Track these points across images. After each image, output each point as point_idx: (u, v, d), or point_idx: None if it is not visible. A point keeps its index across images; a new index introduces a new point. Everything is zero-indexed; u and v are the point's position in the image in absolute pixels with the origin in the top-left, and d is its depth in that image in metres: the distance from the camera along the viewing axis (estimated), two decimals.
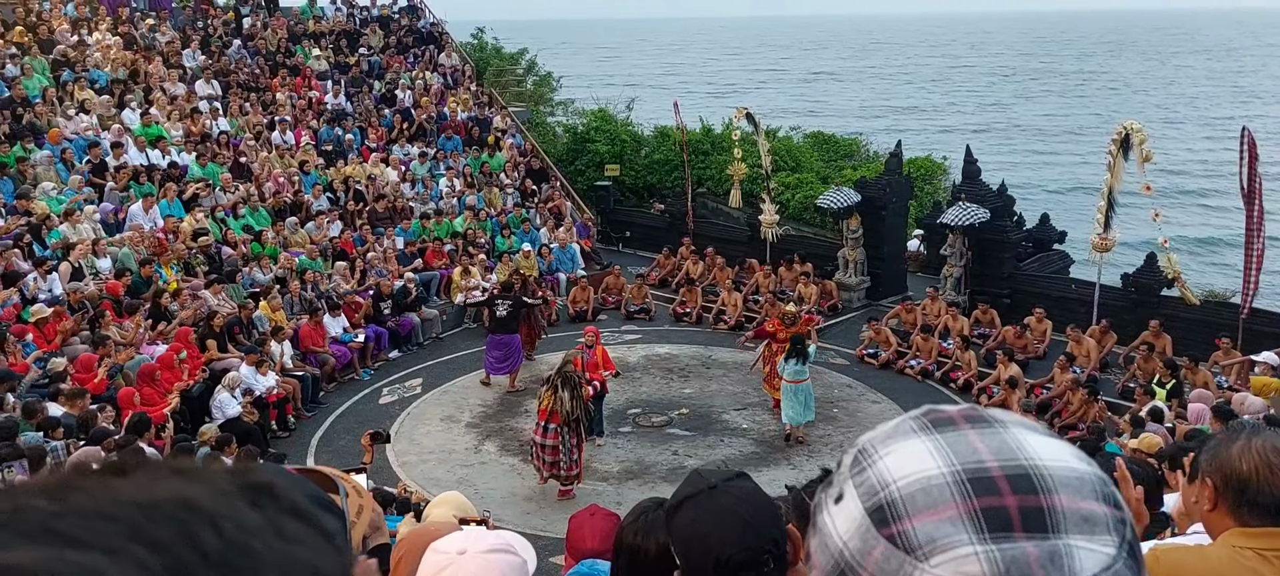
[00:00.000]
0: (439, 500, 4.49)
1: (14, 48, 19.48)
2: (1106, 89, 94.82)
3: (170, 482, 0.50)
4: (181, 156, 18.51)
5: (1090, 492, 0.78)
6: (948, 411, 0.86)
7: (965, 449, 0.80)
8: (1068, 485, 0.77)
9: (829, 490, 0.86)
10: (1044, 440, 0.82)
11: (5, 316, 12.85)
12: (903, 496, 0.78)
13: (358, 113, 22.85)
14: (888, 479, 0.80)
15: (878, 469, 0.82)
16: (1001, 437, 0.81)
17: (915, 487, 0.78)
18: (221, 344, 14.47)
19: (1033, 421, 0.86)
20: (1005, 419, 0.84)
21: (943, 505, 0.76)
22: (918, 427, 0.84)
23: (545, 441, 11.75)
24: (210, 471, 0.53)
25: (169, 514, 0.47)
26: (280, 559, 0.50)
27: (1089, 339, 15.50)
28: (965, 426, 0.82)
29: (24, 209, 15.31)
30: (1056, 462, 0.79)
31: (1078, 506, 0.76)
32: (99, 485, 0.49)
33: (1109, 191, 16.20)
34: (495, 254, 19.45)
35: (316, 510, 0.55)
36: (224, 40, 23.60)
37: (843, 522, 0.82)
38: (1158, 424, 11.25)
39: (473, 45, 33.19)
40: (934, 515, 0.76)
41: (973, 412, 0.85)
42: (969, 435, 0.81)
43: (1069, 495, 0.76)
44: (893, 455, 0.82)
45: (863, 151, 31.43)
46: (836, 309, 18.96)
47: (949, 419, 0.84)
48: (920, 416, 0.86)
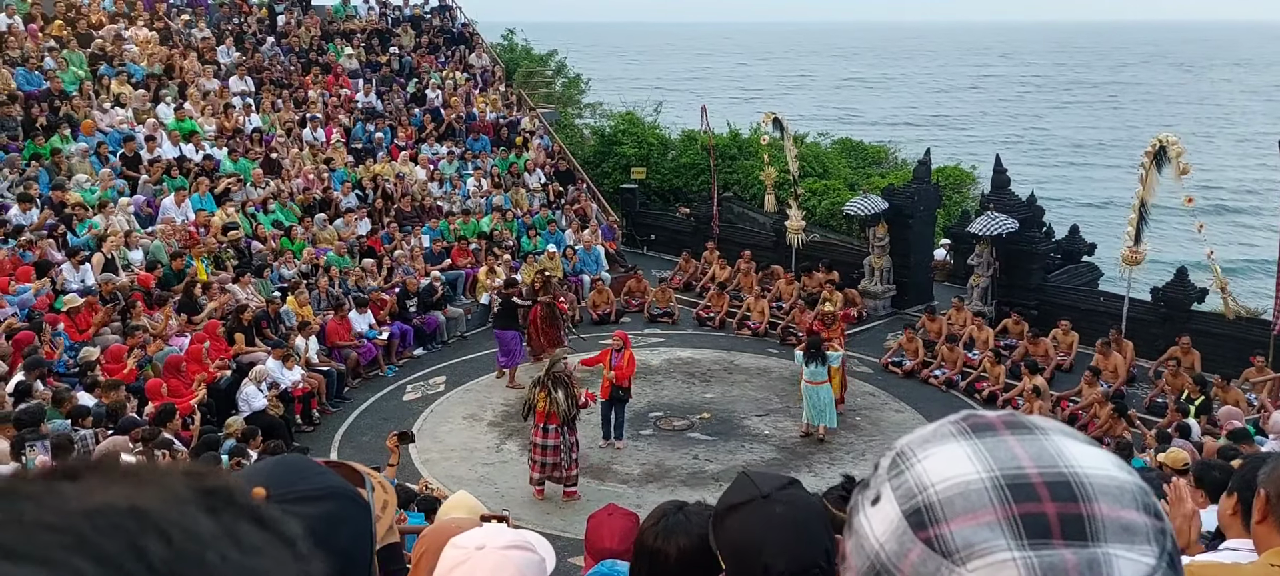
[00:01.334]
0: (451, 502, 4.51)
1: (52, 41, 19.77)
2: (1141, 100, 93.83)
3: (121, 488, 0.47)
4: (214, 151, 18.72)
5: (1131, 501, 0.77)
6: (987, 417, 0.85)
7: (1005, 455, 0.79)
8: (1108, 493, 0.76)
9: (865, 492, 0.86)
10: (1085, 448, 0.81)
11: (38, 306, 13.03)
12: (941, 499, 0.78)
13: (388, 111, 23.01)
14: (926, 482, 0.80)
15: (916, 471, 0.81)
16: (1042, 444, 0.80)
17: (954, 491, 0.78)
18: (249, 338, 14.62)
19: (1073, 429, 0.85)
20: (1046, 426, 0.83)
21: (981, 510, 0.76)
22: (957, 432, 0.83)
23: (546, 442, 11.78)
24: (166, 475, 0.50)
25: (116, 522, 0.44)
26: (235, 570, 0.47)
27: (1117, 355, 15.33)
28: (1005, 432, 0.82)
29: (58, 200, 15.53)
30: (1097, 470, 0.78)
31: (1118, 515, 0.75)
32: (46, 491, 0.46)
33: (1140, 204, 16.04)
34: (521, 254, 19.52)
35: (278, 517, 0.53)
36: (258, 37, 23.84)
37: (880, 524, 0.81)
38: (1185, 439, 11.12)
39: (503, 46, 33.33)
40: (972, 519, 0.76)
41: (1013, 419, 0.84)
42: (1009, 441, 0.81)
43: (1109, 503, 0.76)
44: (931, 459, 0.82)
45: (891, 159, 31.27)
46: (861, 317, 18.88)
47: (989, 424, 0.83)
48: (960, 421, 0.85)
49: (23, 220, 14.78)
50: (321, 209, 18.55)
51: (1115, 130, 71.47)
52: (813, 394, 13.71)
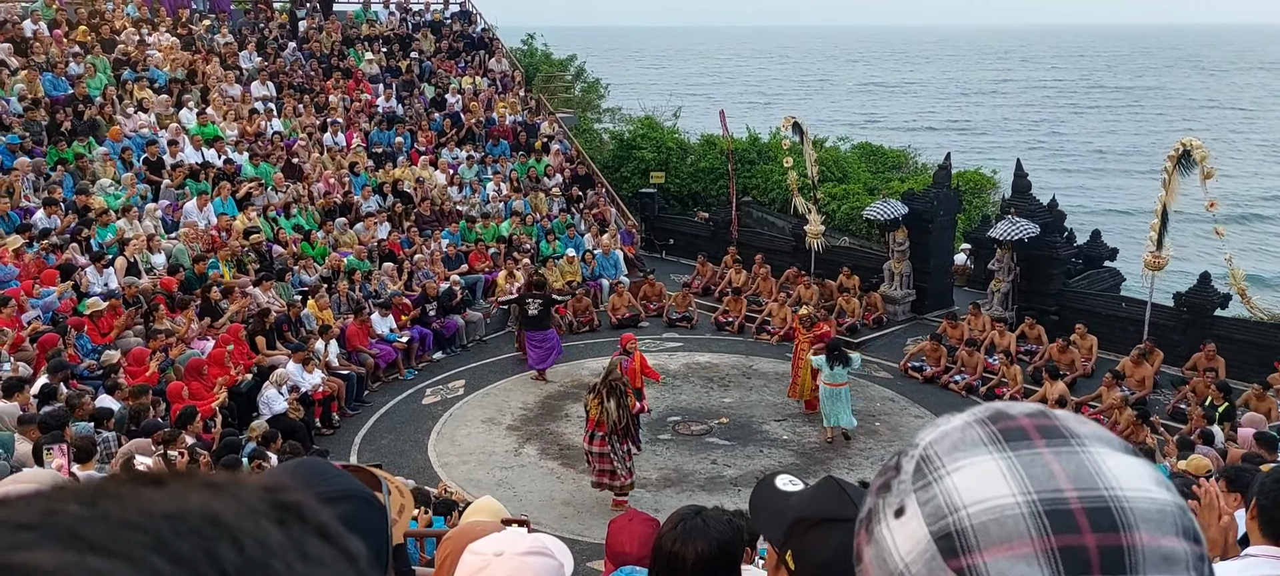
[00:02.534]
0: (475, 507, 4.53)
1: (77, 46, 19.98)
2: (1165, 105, 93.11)
3: (201, 496, 0.51)
4: (236, 156, 18.86)
5: (1171, 527, 0.73)
6: (1018, 419, 0.80)
7: (1042, 473, 0.75)
8: (1149, 519, 0.73)
9: (887, 497, 0.82)
10: (1123, 461, 0.77)
11: (62, 309, 13.16)
12: (974, 526, 0.73)
13: (408, 116, 23.12)
14: (957, 503, 0.75)
15: (945, 487, 0.77)
16: (1079, 460, 0.76)
17: (989, 517, 0.73)
18: (270, 341, 14.72)
19: (1107, 433, 0.81)
20: (1082, 432, 0.79)
21: (1018, 540, 0.72)
22: (987, 439, 0.79)
23: (595, 449, 11.78)
24: (243, 487, 0.53)
25: (193, 527, 0.48)
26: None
27: (1147, 366, 15.16)
28: (1039, 442, 0.77)
29: (82, 204, 15.68)
30: (1137, 492, 0.74)
31: (1158, 544, 0.72)
32: (132, 494, 0.50)
33: (1163, 209, 15.90)
34: (540, 259, 19.57)
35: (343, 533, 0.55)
36: (279, 43, 24.00)
37: (905, 542, 0.77)
38: (1208, 446, 11.03)
39: (522, 51, 33.42)
40: (1009, 550, 0.72)
41: (1045, 422, 0.79)
42: (1044, 455, 0.76)
43: (1150, 531, 0.72)
44: (961, 472, 0.77)
45: (911, 163, 31.15)
46: (881, 321, 18.81)
47: (1021, 430, 0.79)
48: (988, 422, 0.80)
49: (47, 224, 14.93)
50: (342, 213, 18.65)
51: (1138, 136, 70.92)
52: (831, 396, 13.74)
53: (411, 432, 14.50)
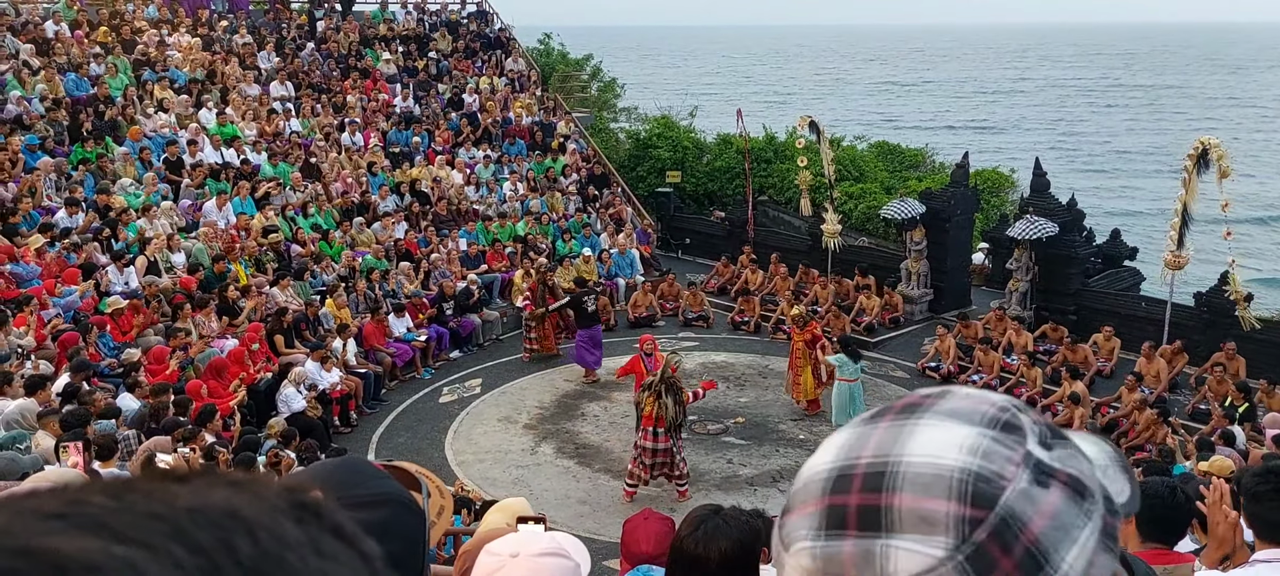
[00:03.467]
0: (499, 506, 4.54)
1: (98, 47, 20.13)
2: (1185, 103, 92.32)
3: (222, 492, 0.53)
4: (254, 155, 18.96)
5: (943, 490, 0.74)
6: (896, 400, 0.85)
7: (856, 444, 0.81)
8: (918, 483, 0.75)
9: None
10: (943, 432, 0.78)
11: (84, 308, 13.27)
12: (794, 491, 0.82)
13: (425, 116, 23.19)
14: (803, 471, 0.83)
15: (809, 461, 0.85)
16: (899, 432, 0.79)
17: (803, 482, 0.82)
18: (289, 340, 14.79)
19: (968, 407, 0.81)
20: (935, 407, 0.81)
21: (810, 501, 0.79)
22: (869, 416, 0.85)
23: (656, 445, 11.83)
24: (263, 485, 0.55)
25: (213, 519, 0.51)
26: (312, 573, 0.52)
27: (1161, 359, 15.10)
28: (887, 418, 0.82)
29: (103, 204, 15.80)
30: (923, 458, 0.76)
31: (919, 505, 0.74)
32: (156, 488, 0.52)
33: (1183, 208, 15.78)
34: (556, 258, 19.60)
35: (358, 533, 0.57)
36: (297, 43, 24.11)
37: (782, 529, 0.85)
38: (1229, 447, 10.94)
39: (539, 50, 33.46)
40: (801, 510, 0.80)
41: (909, 402, 0.83)
42: (879, 428, 0.81)
43: (913, 493, 0.74)
44: (821, 448, 0.85)
45: (928, 162, 31.02)
46: (899, 321, 18.74)
47: (886, 408, 0.84)
48: (880, 407, 0.85)
49: (69, 223, 15.06)
50: (359, 212, 18.73)
51: (1158, 135, 70.33)
52: (846, 392, 13.91)
53: (428, 431, 14.55)
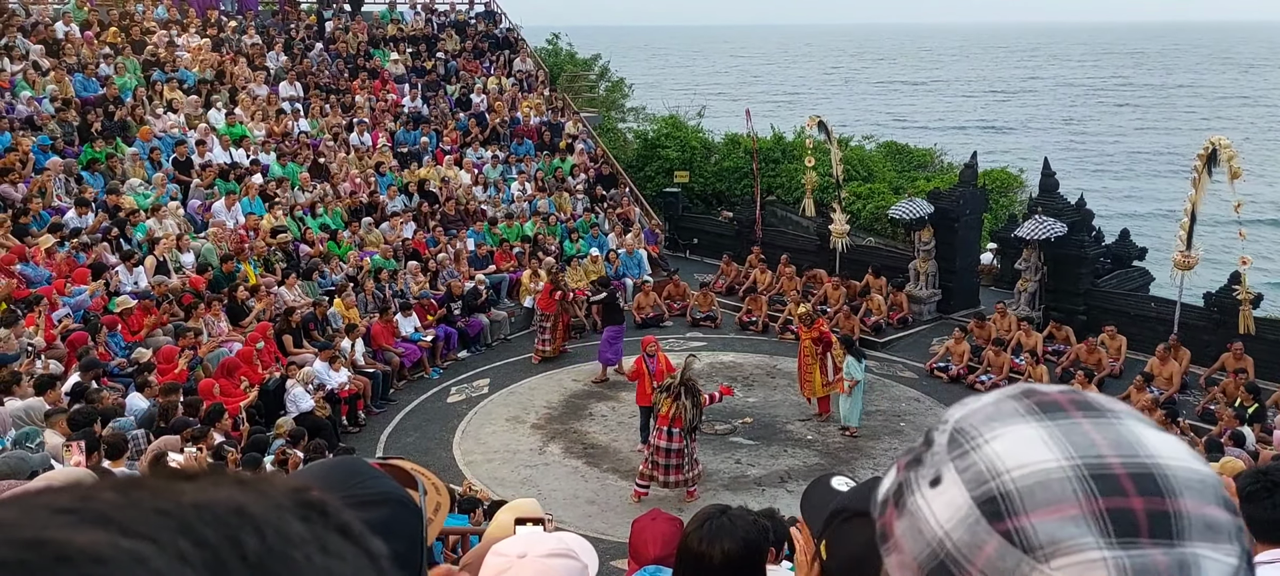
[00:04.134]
0: (510, 507, 4.54)
1: (108, 48, 20.21)
2: (1196, 102, 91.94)
3: (229, 490, 0.54)
4: (263, 156, 19.01)
5: (1213, 497, 0.73)
6: (1052, 394, 0.80)
7: (1083, 441, 0.74)
8: (1192, 488, 0.73)
9: (919, 470, 0.81)
10: (1160, 436, 0.77)
11: (93, 307, 13.32)
12: (1019, 489, 0.73)
13: (433, 116, 23.22)
14: (999, 467, 0.75)
15: (985, 454, 0.76)
16: (1117, 430, 0.76)
17: (1033, 481, 0.73)
18: (297, 340, 14.83)
19: (1138, 411, 0.80)
20: (1116, 408, 0.78)
21: (1065, 502, 0.71)
22: (1024, 410, 0.78)
23: (670, 446, 11.79)
24: (270, 484, 0.56)
25: (220, 516, 0.51)
26: (318, 571, 0.53)
27: (1173, 362, 15.02)
28: (1076, 413, 0.77)
29: (113, 204, 15.86)
30: (1177, 462, 0.74)
31: (1202, 512, 0.72)
32: (165, 486, 0.53)
33: (1192, 208, 15.72)
34: (564, 258, 19.61)
35: (365, 533, 0.58)
36: (306, 43, 24.17)
37: (943, 510, 0.76)
38: (1239, 448, 10.90)
39: (547, 51, 33.49)
40: (1055, 512, 0.71)
41: (1080, 397, 0.79)
42: (1083, 425, 0.76)
43: (1194, 499, 0.72)
44: (1001, 440, 0.76)
45: (937, 162, 30.96)
46: (907, 321, 18.71)
47: (1056, 403, 0.78)
48: (1023, 397, 0.80)
49: (79, 223, 15.12)
50: (368, 213, 18.77)
51: (1168, 135, 70.01)
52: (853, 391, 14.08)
53: (436, 431, 14.57)
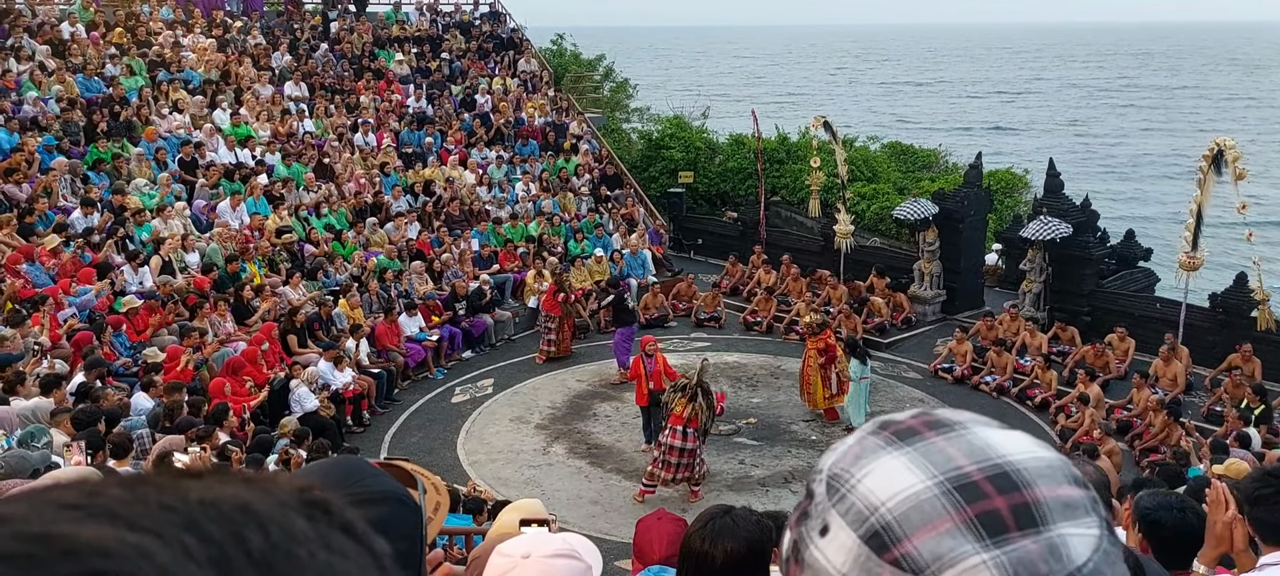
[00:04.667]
0: (513, 507, 4.54)
1: (113, 48, 20.24)
2: (1202, 104, 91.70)
3: (235, 488, 0.55)
4: (268, 156, 19.04)
5: (1063, 478, 0.78)
6: (904, 421, 0.84)
7: (940, 458, 0.79)
8: (1042, 475, 0.77)
9: (808, 523, 0.83)
10: (1006, 434, 0.82)
11: (99, 307, 13.34)
12: (896, 517, 0.77)
13: (438, 116, 23.24)
14: (875, 502, 0.78)
15: (860, 493, 0.79)
16: (968, 440, 0.80)
17: (907, 505, 0.77)
18: (302, 339, 14.85)
19: (986, 417, 0.85)
20: (963, 419, 0.83)
21: (938, 519, 0.75)
22: (884, 443, 0.82)
23: (684, 445, 11.76)
24: (274, 483, 0.57)
25: (225, 512, 0.52)
26: (321, 568, 0.53)
27: (1178, 363, 14.98)
28: (930, 434, 0.81)
29: (118, 204, 15.89)
30: (1025, 454, 0.79)
31: (1056, 494, 0.76)
32: (170, 483, 0.54)
33: (1198, 209, 15.68)
34: (568, 258, 19.62)
35: (369, 532, 0.58)
36: (311, 44, 24.20)
37: (837, 554, 0.79)
38: (1244, 449, 10.88)
39: (551, 51, 33.51)
40: (933, 530, 0.75)
41: (929, 417, 0.84)
42: (937, 442, 0.80)
43: (1047, 485, 0.77)
44: (870, 476, 0.80)
45: (942, 163, 30.93)
46: (911, 322, 18.69)
47: (910, 428, 0.83)
48: (879, 431, 0.84)
49: (85, 223, 15.14)
50: (372, 213, 18.79)
51: (1172, 137, 69.82)
52: (855, 391, 14.12)
53: (441, 431, 14.59)
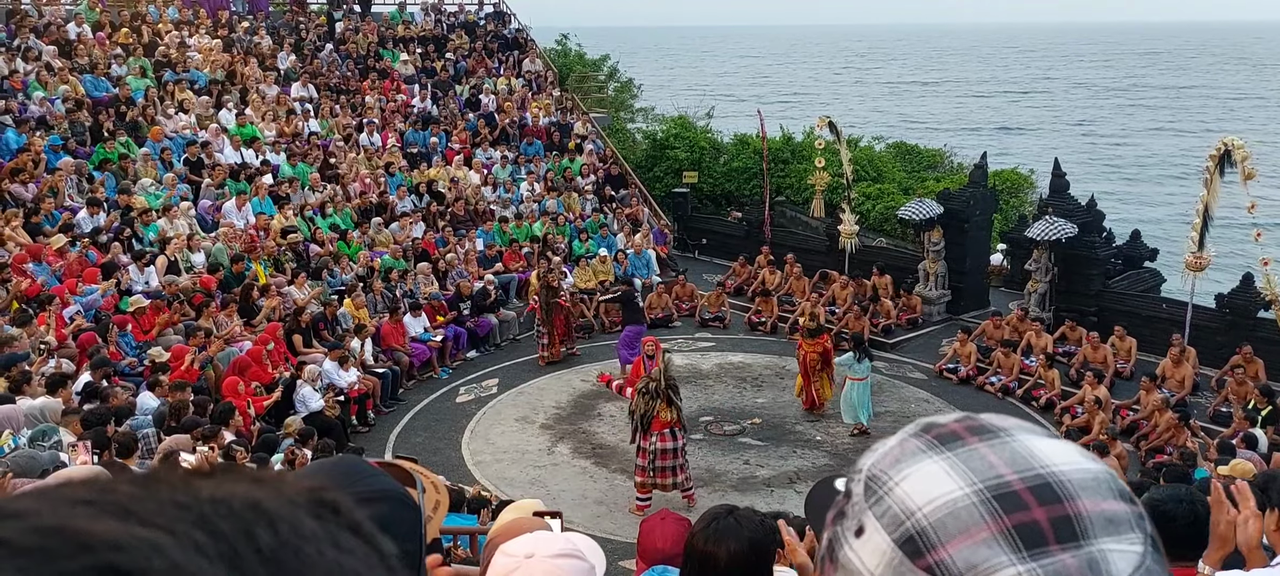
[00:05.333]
0: (513, 507, 4.55)
1: (119, 48, 20.29)
2: (1210, 104, 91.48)
3: (245, 487, 0.55)
4: (273, 156, 19.07)
5: (1108, 492, 0.77)
6: (948, 425, 0.83)
7: (981, 465, 0.78)
8: (1086, 488, 0.76)
9: (844, 523, 0.83)
10: (1050, 443, 0.80)
11: (105, 307, 13.38)
12: (932, 523, 0.76)
13: (443, 116, 23.27)
14: (911, 506, 0.78)
15: (897, 496, 0.79)
16: (1012, 448, 0.79)
17: (943, 512, 0.76)
18: (307, 339, 14.87)
19: (1032, 425, 0.84)
20: (1008, 425, 0.82)
21: (975, 527, 0.75)
22: (925, 447, 0.82)
23: (676, 445, 11.55)
24: (283, 482, 0.58)
25: (235, 510, 0.53)
26: (330, 566, 0.54)
27: (1187, 365, 14.94)
28: (973, 440, 0.81)
29: (124, 204, 15.92)
30: (1069, 465, 0.78)
31: (1100, 508, 0.75)
32: (182, 481, 0.55)
33: (1204, 209, 15.64)
34: (573, 258, 19.62)
35: (376, 532, 0.60)
36: (316, 44, 24.24)
37: (871, 556, 0.79)
38: (1251, 450, 10.85)
39: (556, 51, 33.53)
40: (969, 539, 0.74)
41: (973, 422, 0.83)
42: (980, 449, 0.79)
43: (1090, 498, 0.76)
44: (909, 480, 0.80)
45: (947, 163, 30.91)
46: (917, 322, 18.66)
47: (953, 432, 0.82)
48: (921, 433, 0.83)
49: (91, 223, 15.18)
50: (377, 213, 18.81)
51: (1179, 137, 69.64)
52: (853, 390, 14.09)
53: (445, 431, 14.60)
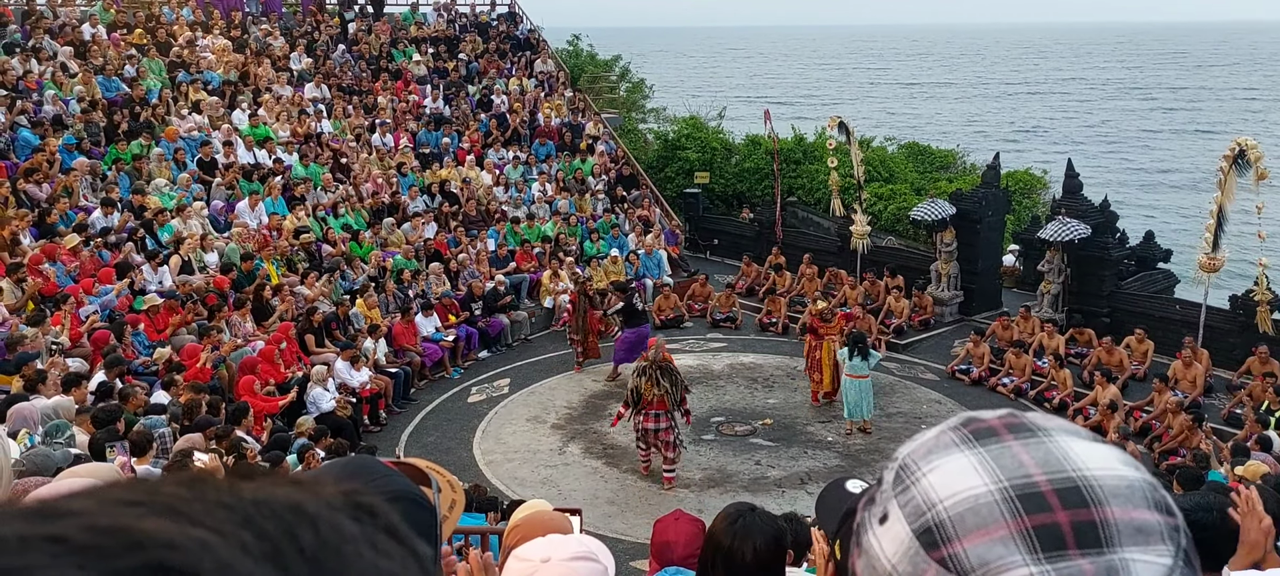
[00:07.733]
0: (525, 507, 4.57)
1: (133, 49, 20.40)
2: (1227, 105, 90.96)
3: (287, 490, 0.58)
4: (286, 156, 19.14)
5: (1142, 501, 0.75)
6: (988, 420, 0.83)
7: (1011, 463, 0.77)
8: (1119, 495, 0.75)
9: (872, 509, 0.84)
10: (1090, 446, 0.79)
11: (119, 306, 13.46)
12: (951, 517, 0.76)
13: (455, 117, 23.32)
14: (934, 498, 0.78)
15: (922, 487, 0.79)
16: (1047, 448, 0.78)
17: (964, 507, 0.76)
18: (320, 339, 14.93)
19: (1077, 426, 0.83)
20: (1049, 425, 0.81)
21: (993, 525, 0.74)
22: (959, 440, 0.81)
23: (658, 426, 12.25)
24: (325, 486, 0.60)
25: (278, 511, 0.55)
26: (368, 566, 0.56)
27: (1197, 366, 14.87)
28: (1008, 437, 0.80)
29: (138, 204, 16.01)
30: (1105, 471, 0.76)
31: (1130, 516, 0.74)
32: (226, 483, 0.57)
33: (1219, 210, 15.55)
34: (584, 259, 19.64)
35: (413, 536, 0.62)
36: (329, 45, 24.32)
37: (890, 544, 0.79)
38: (1265, 453, 10.79)
39: (568, 52, 33.56)
40: (985, 536, 0.74)
41: (1014, 420, 0.82)
42: (1013, 447, 0.79)
43: (1121, 505, 0.74)
44: (936, 472, 0.80)
45: (959, 163, 30.82)
46: (929, 323, 18.62)
47: (990, 428, 0.81)
48: (960, 427, 0.83)
49: (105, 223, 15.27)
50: (389, 213, 18.87)
51: (1195, 138, 69.27)
52: (852, 388, 14.00)
53: (457, 430, 14.63)
